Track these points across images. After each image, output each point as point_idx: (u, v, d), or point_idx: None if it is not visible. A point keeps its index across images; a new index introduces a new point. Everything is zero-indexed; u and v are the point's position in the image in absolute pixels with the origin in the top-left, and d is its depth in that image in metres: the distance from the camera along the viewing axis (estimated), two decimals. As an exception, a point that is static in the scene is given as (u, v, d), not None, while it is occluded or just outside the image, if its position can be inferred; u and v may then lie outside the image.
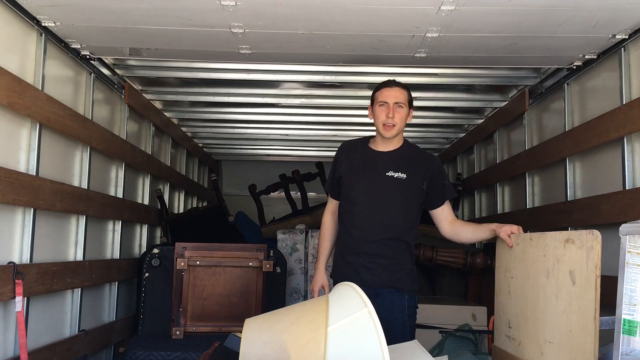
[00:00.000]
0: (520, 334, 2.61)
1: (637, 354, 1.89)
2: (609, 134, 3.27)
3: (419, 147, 3.22)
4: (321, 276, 3.16)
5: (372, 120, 3.08)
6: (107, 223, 4.27)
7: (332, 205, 3.23)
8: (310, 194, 6.32)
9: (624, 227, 1.94)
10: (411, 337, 2.90)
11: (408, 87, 3.07)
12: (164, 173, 5.56)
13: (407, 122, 3.05)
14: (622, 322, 1.90)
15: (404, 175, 2.97)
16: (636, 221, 1.98)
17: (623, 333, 1.90)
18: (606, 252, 2.18)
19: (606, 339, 2.08)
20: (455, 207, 6.22)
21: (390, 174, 2.97)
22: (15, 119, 2.98)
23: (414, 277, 3.03)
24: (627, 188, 3.14)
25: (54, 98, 3.26)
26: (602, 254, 2.05)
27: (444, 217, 3.06)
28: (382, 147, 3.06)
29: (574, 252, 2.17)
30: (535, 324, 2.45)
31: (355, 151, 3.12)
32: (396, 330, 2.87)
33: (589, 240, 2.08)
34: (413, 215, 3.03)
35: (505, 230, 2.77)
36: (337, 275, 3.03)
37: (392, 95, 2.97)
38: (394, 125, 2.96)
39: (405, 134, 3.21)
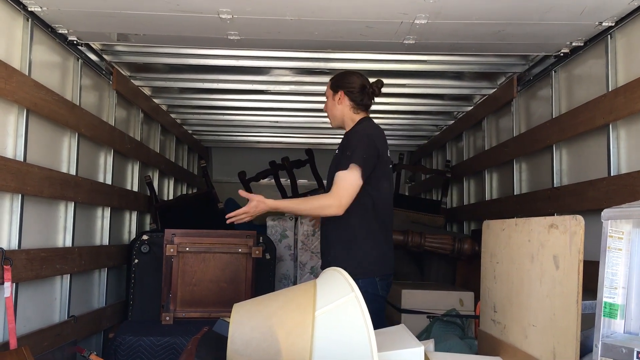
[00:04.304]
0: (505, 317, 2.65)
1: (618, 336, 1.92)
2: (594, 121, 3.30)
3: (365, 124, 3.08)
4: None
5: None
6: (96, 209, 4.27)
7: None
8: (300, 181, 6.33)
9: (606, 212, 1.97)
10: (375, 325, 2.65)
11: (331, 76, 3.24)
12: (153, 160, 5.55)
13: (344, 104, 3.14)
14: (603, 305, 1.93)
15: (337, 152, 3.11)
16: (618, 206, 2.00)
17: (604, 316, 1.93)
18: (591, 238, 2.21)
19: (589, 323, 2.11)
20: (444, 194, 6.25)
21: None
22: (2, 105, 2.96)
23: (361, 257, 2.90)
24: (612, 174, 3.17)
25: (41, 84, 3.24)
26: (588, 239, 2.08)
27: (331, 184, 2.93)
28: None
29: (558, 237, 2.20)
30: (520, 308, 2.48)
31: None
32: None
33: (573, 226, 2.11)
34: None
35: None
36: None
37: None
38: (327, 116, 3.20)
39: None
